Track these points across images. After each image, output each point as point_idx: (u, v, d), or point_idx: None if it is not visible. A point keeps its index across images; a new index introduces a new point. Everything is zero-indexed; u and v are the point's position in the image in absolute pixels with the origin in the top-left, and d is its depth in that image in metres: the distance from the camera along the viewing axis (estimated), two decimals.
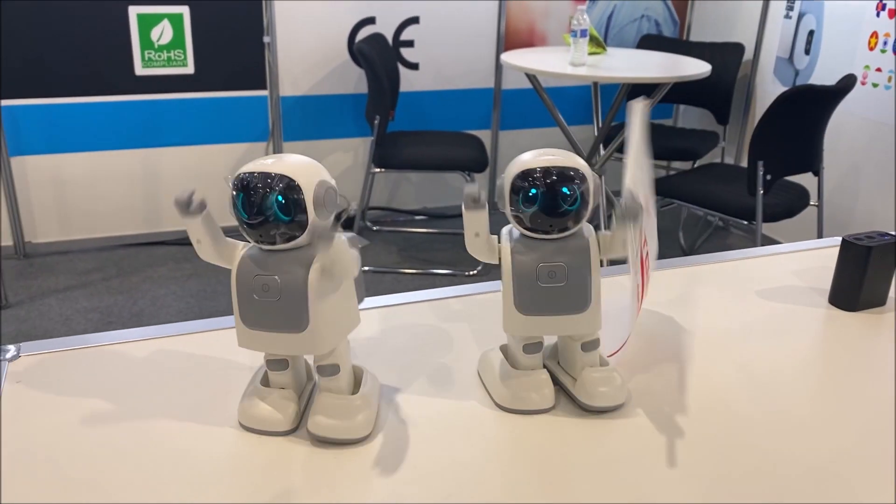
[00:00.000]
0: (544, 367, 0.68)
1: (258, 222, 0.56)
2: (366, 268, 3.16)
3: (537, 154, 0.61)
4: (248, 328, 0.59)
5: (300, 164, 0.57)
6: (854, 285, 0.81)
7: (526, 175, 0.59)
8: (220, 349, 0.74)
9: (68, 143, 3.05)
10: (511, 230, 0.64)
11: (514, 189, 0.60)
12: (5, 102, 2.91)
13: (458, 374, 0.71)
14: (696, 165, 3.32)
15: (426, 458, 0.59)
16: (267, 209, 0.55)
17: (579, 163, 0.60)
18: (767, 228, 3.24)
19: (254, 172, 0.56)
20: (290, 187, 0.56)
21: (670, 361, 0.73)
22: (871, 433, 0.63)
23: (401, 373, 0.71)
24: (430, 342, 0.77)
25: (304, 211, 0.56)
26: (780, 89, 3.11)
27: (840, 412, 0.66)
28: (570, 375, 0.68)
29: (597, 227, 0.64)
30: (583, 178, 0.60)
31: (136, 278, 2.96)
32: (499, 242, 0.63)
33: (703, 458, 0.60)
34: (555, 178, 0.59)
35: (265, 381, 0.64)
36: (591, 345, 0.66)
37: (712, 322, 0.81)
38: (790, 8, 3.28)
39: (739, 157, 3.63)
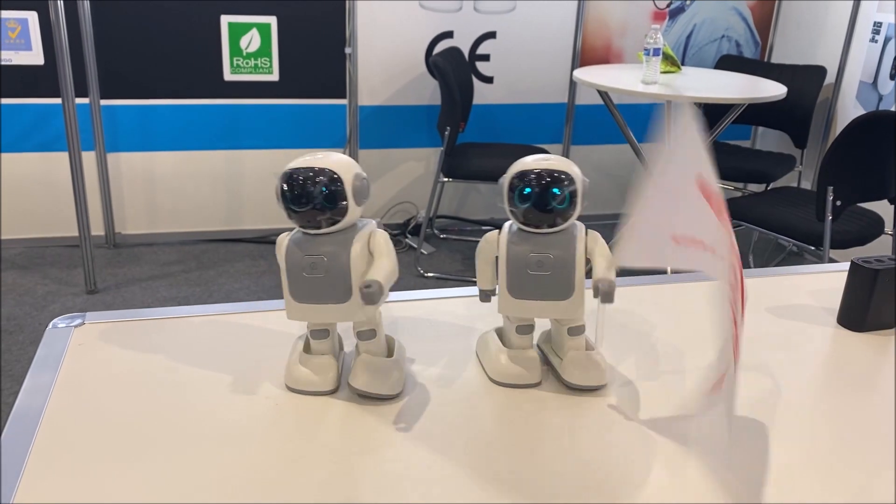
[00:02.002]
0: (539, 349, 0.77)
1: (307, 209, 0.65)
2: (430, 274, 3.26)
3: (536, 159, 0.68)
4: (297, 302, 0.68)
5: (340, 160, 0.67)
6: (861, 306, 0.83)
7: (522, 176, 0.67)
8: (269, 325, 0.82)
9: (159, 142, 3.26)
10: (511, 225, 0.71)
11: (512, 188, 0.68)
12: (105, 102, 3.14)
13: (469, 354, 0.80)
14: (769, 188, 3.27)
15: (428, 419, 0.68)
16: (314, 198, 0.65)
17: (572, 168, 0.68)
18: (839, 255, 3.16)
19: (302, 168, 0.66)
20: (333, 179, 0.65)
21: (669, 364, 0.78)
22: (864, 447, 0.66)
23: (425, 349, 0.80)
24: (453, 328, 0.84)
25: (345, 199, 0.66)
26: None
27: (833, 425, 0.69)
28: (559, 357, 0.75)
29: None
30: (571, 181, 0.67)
31: (214, 272, 3.13)
32: (499, 234, 0.71)
33: (684, 452, 0.64)
34: (547, 179, 0.66)
35: (307, 349, 0.73)
36: (575, 330, 0.73)
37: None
38: (876, 31, 3.21)
39: (816, 182, 3.55)
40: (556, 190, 0.66)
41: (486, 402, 0.71)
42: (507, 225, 0.72)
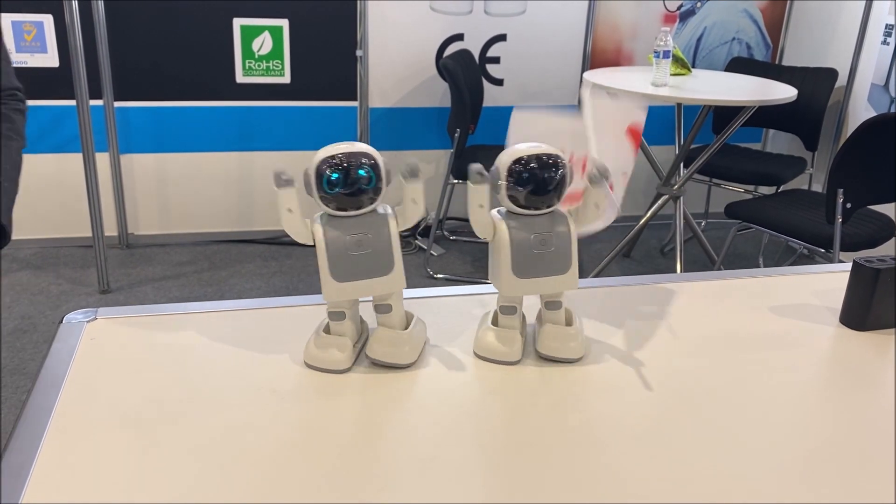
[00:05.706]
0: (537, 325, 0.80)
1: (355, 191, 0.70)
2: (440, 275, 3.27)
3: (529, 145, 0.72)
4: (339, 282, 0.72)
5: (369, 148, 0.72)
6: (863, 306, 0.84)
7: (525, 161, 0.71)
8: (278, 321, 0.84)
9: (172, 143, 3.29)
10: (499, 210, 0.74)
11: (511, 172, 0.71)
12: (118, 104, 3.17)
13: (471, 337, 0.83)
14: (780, 191, 3.27)
15: (417, 387, 0.71)
16: (360, 180, 0.69)
17: (559, 152, 0.72)
18: (849, 258, 3.15)
19: (347, 153, 0.70)
20: (373, 162, 0.70)
21: (663, 356, 0.79)
22: (863, 446, 0.67)
23: (440, 332, 0.84)
24: (459, 319, 0.85)
25: (381, 180, 0.71)
26: None
27: (833, 424, 0.69)
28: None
29: (672, 249, 0.74)
30: (564, 164, 0.71)
31: (226, 272, 3.15)
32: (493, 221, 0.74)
33: (670, 439, 0.65)
34: (548, 162, 0.71)
35: (327, 331, 0.76)
36: (553, 304, 0.77)
37: (718, 330, 0.85)
38: (888, 34, 3.19)
39: (826, 185, 3.54)
40: (555, 172, 0.70)
41: (470, 374, 0.75)
42: (494, 211, 0.75)
